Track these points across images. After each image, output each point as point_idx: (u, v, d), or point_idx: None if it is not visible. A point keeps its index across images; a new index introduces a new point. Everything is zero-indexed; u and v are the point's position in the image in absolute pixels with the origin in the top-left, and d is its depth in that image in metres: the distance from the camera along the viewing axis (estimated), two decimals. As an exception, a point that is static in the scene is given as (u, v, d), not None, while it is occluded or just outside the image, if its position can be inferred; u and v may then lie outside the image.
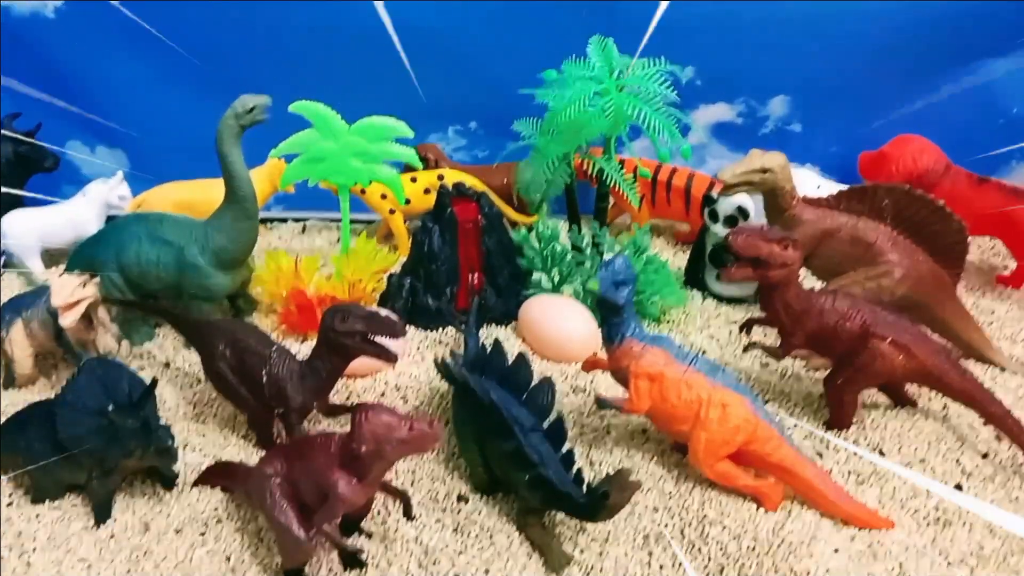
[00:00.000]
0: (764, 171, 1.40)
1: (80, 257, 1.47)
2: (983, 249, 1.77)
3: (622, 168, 1.60)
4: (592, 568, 1.05)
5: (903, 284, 1.39)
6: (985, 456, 1.25)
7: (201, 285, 1.42)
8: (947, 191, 1.65)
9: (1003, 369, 1.45)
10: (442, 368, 1.21)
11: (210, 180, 1.67)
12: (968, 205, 1.60)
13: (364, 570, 1.03)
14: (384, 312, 1.30)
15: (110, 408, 1.05)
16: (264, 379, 1.16)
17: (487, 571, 1.04)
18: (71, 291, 1.31)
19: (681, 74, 1.53)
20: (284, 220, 2.03)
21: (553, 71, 1.54)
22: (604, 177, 1.57)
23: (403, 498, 1.07)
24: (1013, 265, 1.72)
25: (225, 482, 1.15)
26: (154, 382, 1.09)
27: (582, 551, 1.07)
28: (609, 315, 1.15)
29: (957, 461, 1.24)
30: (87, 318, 1.35)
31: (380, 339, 1.13)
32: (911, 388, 1.35)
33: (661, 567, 1.05)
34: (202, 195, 1.69)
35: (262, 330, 1.25)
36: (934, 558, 1.07)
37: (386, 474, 1.06)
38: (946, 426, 1.31)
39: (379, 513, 1.12)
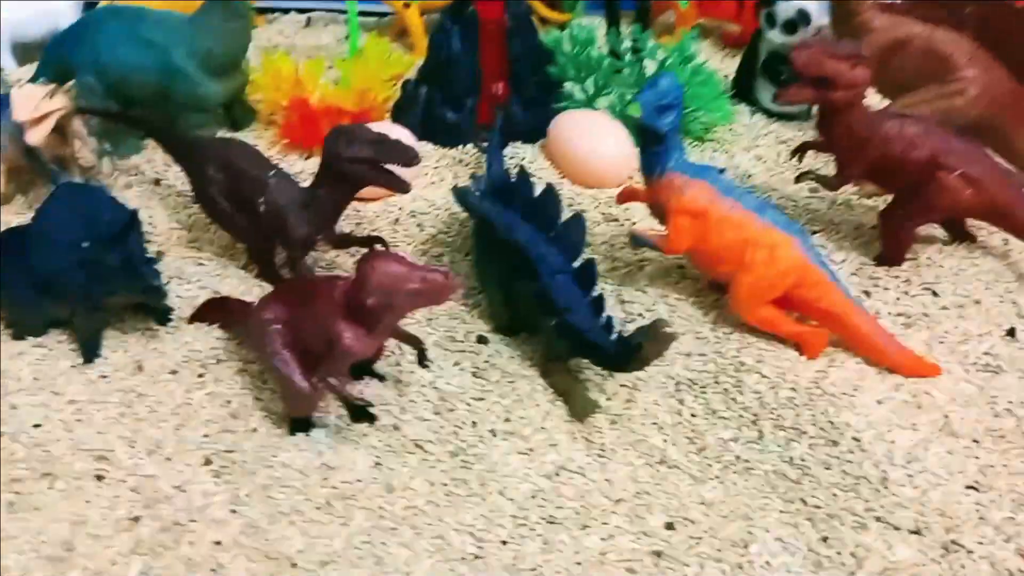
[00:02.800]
0: None
1: (52, 59, 1.31)
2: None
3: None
4: (619, 417, 0.98)
5: (977, 105, 1.24)
6: (1045, 297, 1.15)
7: (190, 93, 1.28)
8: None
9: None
10: (460, 198, 1.08)
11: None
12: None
13: (374, 422, 0.96)
14: (396, 134, 1.17)
15: (86, 244, 0.94)
16: (262, 208, 1.04)
17: (508, 419, 0.97)
18: (36, 104, 1.15)
19: None
20: (286, 11, 1.83)
21: None
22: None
23: (417, 345, 0.98)
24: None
25: (224, 319, 1.05)
26: (135, 213, 0.98)
27: (608, 399, 1.00)
28: (650, 143, 1.02)
29: (1014, 302, 1.14)
30: (60, 131, 1.20)
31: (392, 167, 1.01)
32: (971, 221, 1.23)
33: (693, 415, 0.98)
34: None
35: (258, 150, 1.12)
36: (981, 408, 1.00)
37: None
38: (1006, 264, 1.20)
39: (392, 354, 1.04)
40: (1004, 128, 1.28)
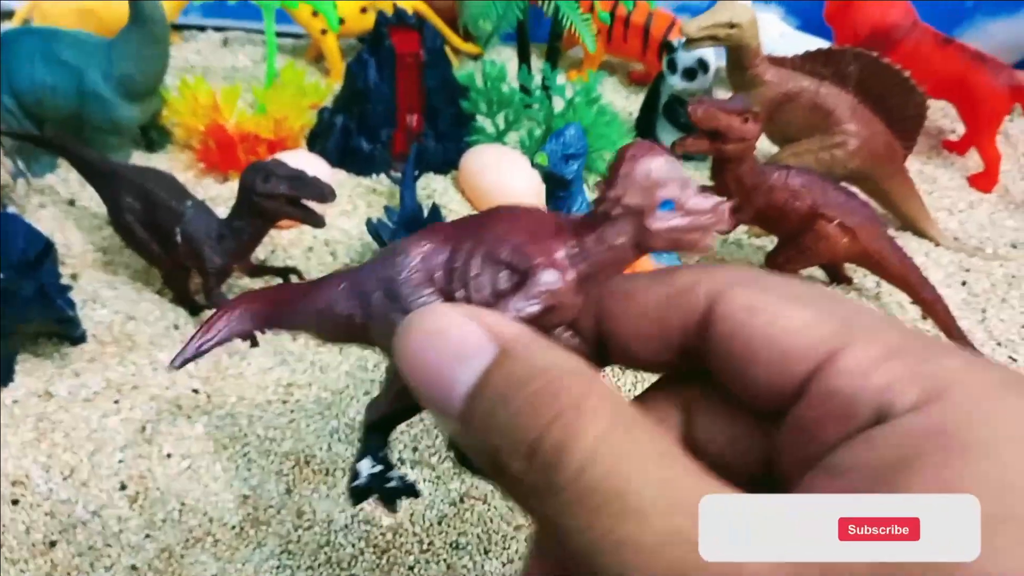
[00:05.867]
0: (731, 26, 1.29)
1: None
2: (934, 110, 1.71)
3: (578, 5, 1.46)
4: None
5: (857, 157, 1.35)
6: (912, 336, 1.26)
7: (106, 117, 1.29)
8: (911, 49, 1.58)
9: (937, 244, 1.43)
10: (376, 235, 1.12)
11: (119, -17, 1.48)
12: (929, 66, 1.54)
13: None
14: (310, 163, 1.21)
15: (1, 275, 0.94)
16: (178, 238, 1.06)
17: (416, 448, 1.02)
18: None
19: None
20: (203, 28, 1.83)
21: None
22: (559, 16, 1.44)
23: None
24: (962, 130, 1.67)
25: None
26: (50, 242, 0.98)
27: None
28: (556, 189, 1.07)
29: (886, 341, 1.24)
30: None
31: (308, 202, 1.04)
32: (848, 264, 1.33)
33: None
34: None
35: (175, 180, 1.13)
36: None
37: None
38: (878, 305, 1.31)
39: (309, 386, 1.08)
40: (879, 178, 1.38)
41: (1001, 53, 1.77)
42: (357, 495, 0.42)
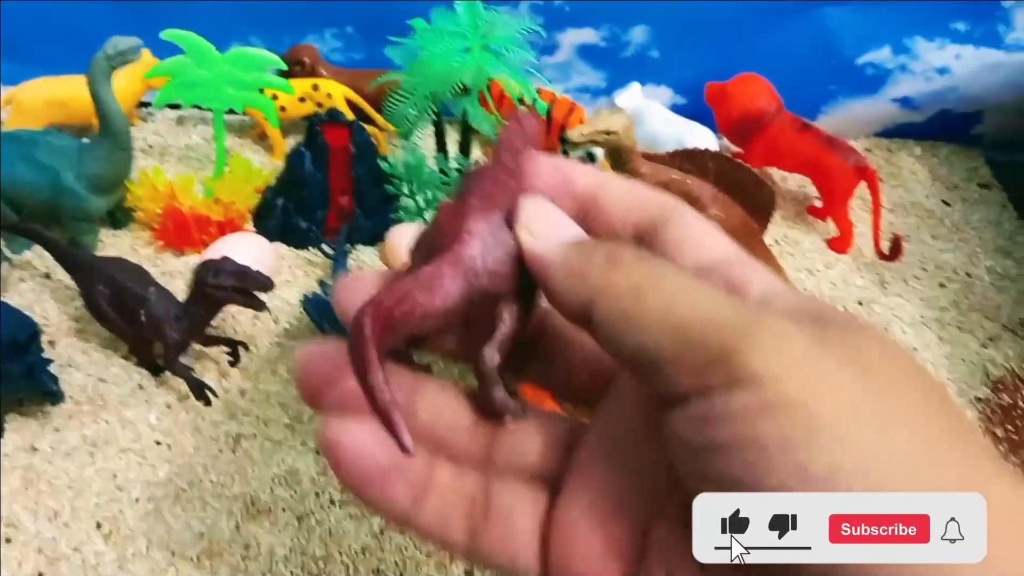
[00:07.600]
0: (608, 133, 1.54)
1: None
2: (801, 180, 1.98)
3: (483, 109, 1.69)
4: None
5: None
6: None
7: (78, 208, 1.49)
8: (776, 132, 1.84)
9: (797, 307, 1.68)
10: (311, 314, 1.35)
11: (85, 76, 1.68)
12: (791, 146, 1.81)
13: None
14: (254, 243, 1.43)
15: None
16: (143, 319, 1.28)
17: (343, 490, 1.24)
18: None
19: (543, 35, 1.61)
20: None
21: (422, 20, 1.59)
22: (468, 117, 1.68)
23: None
24: (826, 199, 1.94)
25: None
26: (36, 326, 1.19)
27: (424, 470, 1.27)
28: None
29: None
30: None
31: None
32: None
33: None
34: (77, 92, 1.68)
35: (141, 268, 1.35)
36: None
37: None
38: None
39: (255, 436, 1.29)
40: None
41: (861, 126, 2.10)
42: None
